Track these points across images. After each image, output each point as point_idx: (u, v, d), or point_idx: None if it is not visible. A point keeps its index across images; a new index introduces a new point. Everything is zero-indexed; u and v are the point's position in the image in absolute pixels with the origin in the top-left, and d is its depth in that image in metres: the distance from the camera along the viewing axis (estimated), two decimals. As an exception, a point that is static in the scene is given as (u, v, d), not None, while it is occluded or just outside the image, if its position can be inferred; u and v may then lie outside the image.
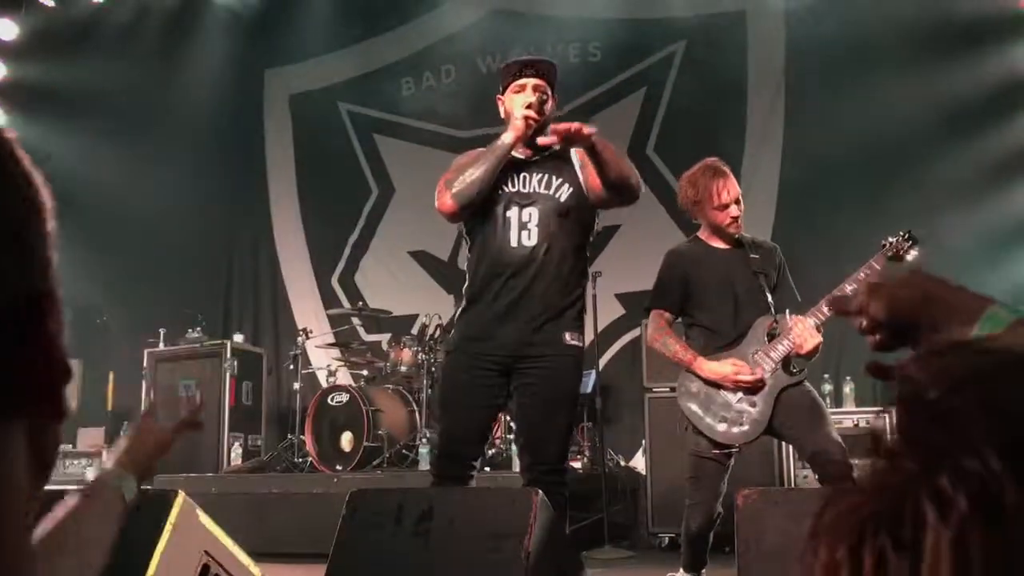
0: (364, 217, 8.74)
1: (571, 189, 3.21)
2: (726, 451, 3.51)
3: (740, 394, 3.49)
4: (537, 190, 3.20)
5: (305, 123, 9.12)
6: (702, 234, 3.77)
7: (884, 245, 3.48)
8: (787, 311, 3.60)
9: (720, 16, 7.62)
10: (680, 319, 3.75)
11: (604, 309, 6.43)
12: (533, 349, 3.08)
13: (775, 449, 5.32)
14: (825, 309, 3.37)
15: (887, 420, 5.43)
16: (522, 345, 3.08)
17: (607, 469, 6.06)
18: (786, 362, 3.48)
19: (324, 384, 7.22)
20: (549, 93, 3.28)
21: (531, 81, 3.25)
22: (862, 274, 3.35)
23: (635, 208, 7.54)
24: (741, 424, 3.47)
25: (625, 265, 7.42)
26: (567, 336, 3.14)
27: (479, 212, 3.21)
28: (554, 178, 3.23)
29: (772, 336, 3.53)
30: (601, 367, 6.46)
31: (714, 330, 3.62)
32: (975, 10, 6.27)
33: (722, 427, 3.48)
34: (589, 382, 6.87)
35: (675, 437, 5.76)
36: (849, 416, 5.53)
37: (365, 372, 7.11)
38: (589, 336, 6.82)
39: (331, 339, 7.84)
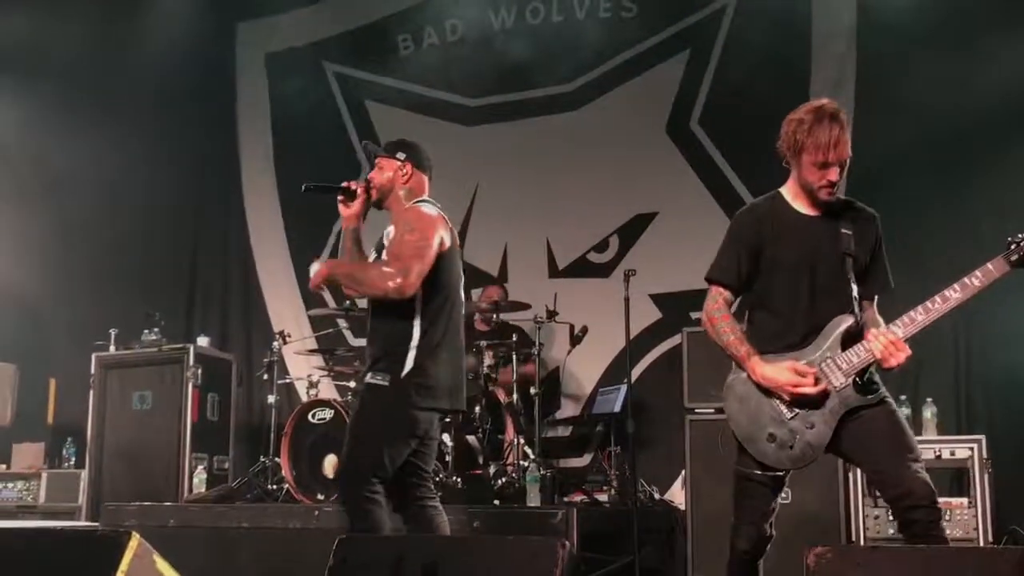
0: (354, 199, 8.70)
1: None
2: (772, 474, 3.42)
3: (797, 409, 3.37)
4: None
5: (285, 87, 9.05)
6: (787, 190, 3.54)
7: (1011, 245, 3.28)
8: (876, 315, 3.46)
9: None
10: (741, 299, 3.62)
11: (637, 313, 6.36)
12: None
13: (840, 469, 5.26)
14: (920, 318, 3.24)
15: (976, 450, 5.37)
16: None
17: (639, 503, 6.00)
18: (862, 377, 3.35)
19: (304, 397, 7.18)
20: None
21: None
22: (976, 281, 3.22)
23: (675, 194, 7.67)
24: (791, 447, 3.35)
25: (662, 261, 7.38)
26: (368, 376, 3.95)
27: None
28: None
29: (849, 339, 3.38)
30: (633, 381, 6.38)
31: (780, 320, 3.49)
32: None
33: (769, 447, 3.38)
34: (618, 400, 6.84)
35: (721, 466, 5.71)
36: (930, 446, 5.47)
37: (352, 384, 7.06)
38: (620, 345, 6.83)
39: (313, 344, 7.79)
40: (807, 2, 7.46)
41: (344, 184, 4.23)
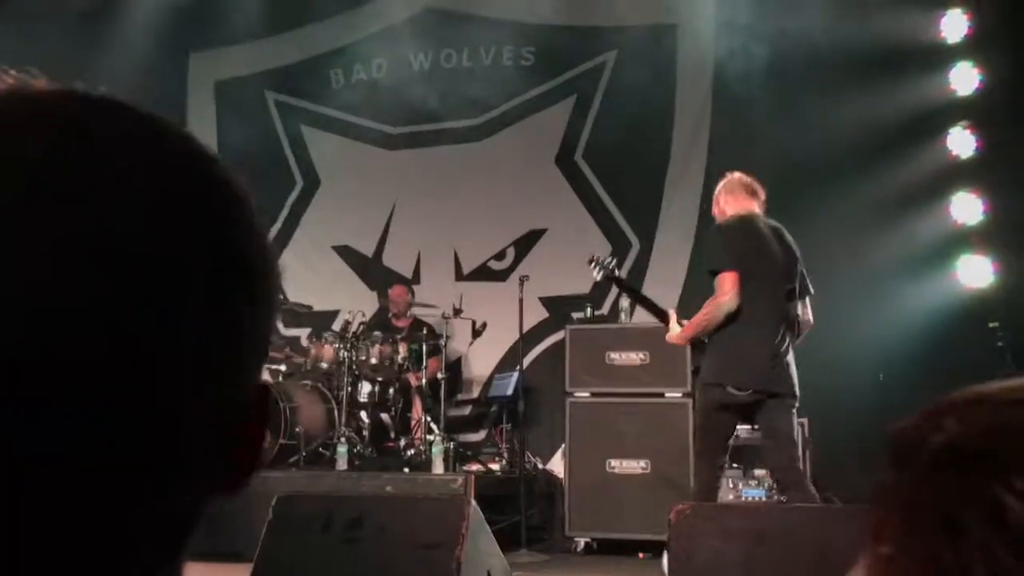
0: (287, 209, 8.54)
1: None
2: None
3: None
4: None
5: (230, 111, 8.83)
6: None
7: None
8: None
9: (652, 28, 7.70)
10: None
11: (527, 312, 6.43)
12: None
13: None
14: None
15: (800, 431, 5.55)
16: None
17: (525, 472, 6.06)
18: None
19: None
20: None
21: None
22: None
23: (562, 214, 7.76)
24: None
25: (549, 269, 7.45)
26: None
27: None
28: None
29: None
30: (523, 369, 6.45)
31: None
32: (898, 37, 6.47)
33: None
34: (511, 383, 6.88)
35: (594, 441, 5.82)
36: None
37: (283, 367, 6.94)
38: (513, 339, 6.88)
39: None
40: (672, 61, 7.64)
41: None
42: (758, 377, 3.89)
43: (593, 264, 4.86)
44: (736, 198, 4.23)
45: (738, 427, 4.32)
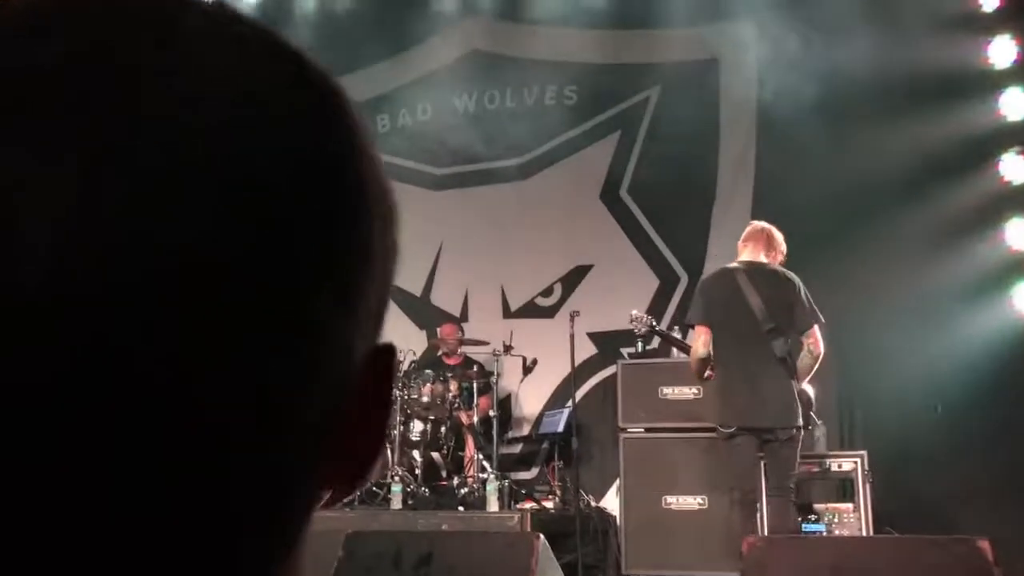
0: (336, 252, 8.67)
1: None
2: None
3: None
4: None
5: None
6: None
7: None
8: None
9: (694, 63, 7.76)
10: None
11: (576, 348, 6.45)
12: None
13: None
14: None
15: (859, 464, 5.48)
16: None
17: (579, 509, 6.03)
18: None
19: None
20: None
21: None
22: None
23: (608, 249, 7.78)
24: None
25: (597, 305, 7.44)
26: None
27: None
28: None
29: None
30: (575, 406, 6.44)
31: None
32: (945, 65, 6.45)
33: None
34: (562, 420, 6.88)
35: (649, 477, 5.78)
36: (823, 460, 5.56)
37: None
38: (563, 375, 6.89)
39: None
40: (715, 90, 7.69)
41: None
42: (737, 415, 4.45)
43: (634, 323, 5.65)
44: (743, 245, 4.82)
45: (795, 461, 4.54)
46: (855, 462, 5.46)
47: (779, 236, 4.81)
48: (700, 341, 4.58)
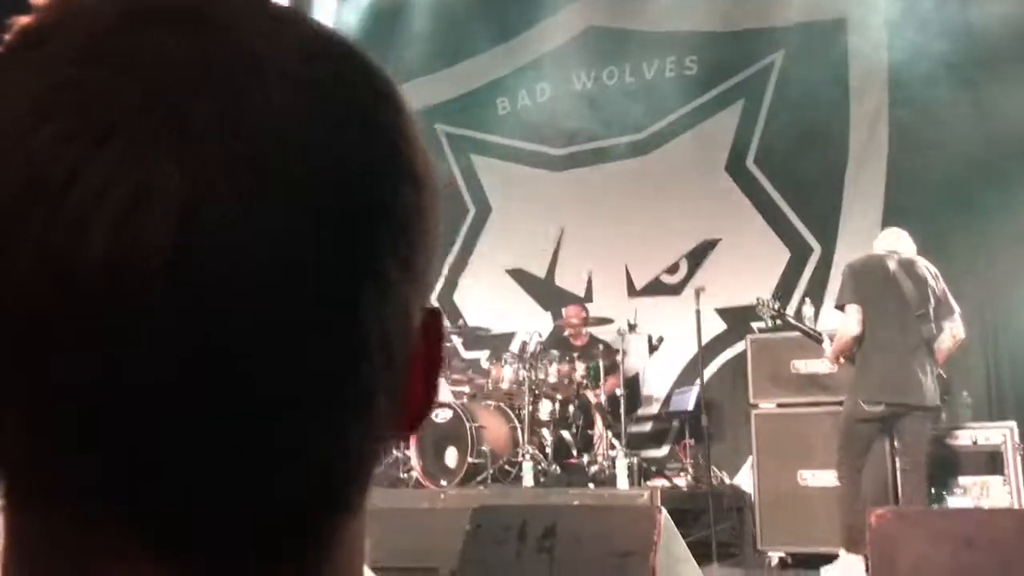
0: (461, 237, 8.84)
1: None
2: None
3: None
4: None
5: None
6: None
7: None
8: None
9: (819, 25, 7.48)
10: None
11: (704, 325, 6.37)
12: None
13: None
14: None
15: (1009, 435, 5.23)
16: None
17: (712, 486, 5.99)
18: None
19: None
20: None
21: None
22: None
23: (735, 223, 7.65)
24: None
25: (725, 280, 7.34)
26: None
27: None
28: None
29: None
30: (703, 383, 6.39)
31: None
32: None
33: None
34: (691, 398, 6.83)
35: (783, 453, 5.68)
36: (969, 432, 5.35)
37: (467, 389, 7.19)
38: (690, 353, 6.82)
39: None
40: (844, 52, 7.40)
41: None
42: (889, 390, 4.67)
43: (759, 308, 5.69)
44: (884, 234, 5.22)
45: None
46: (1004, 434, 5.23)
47: None
48: (854, 319, 4.79)
